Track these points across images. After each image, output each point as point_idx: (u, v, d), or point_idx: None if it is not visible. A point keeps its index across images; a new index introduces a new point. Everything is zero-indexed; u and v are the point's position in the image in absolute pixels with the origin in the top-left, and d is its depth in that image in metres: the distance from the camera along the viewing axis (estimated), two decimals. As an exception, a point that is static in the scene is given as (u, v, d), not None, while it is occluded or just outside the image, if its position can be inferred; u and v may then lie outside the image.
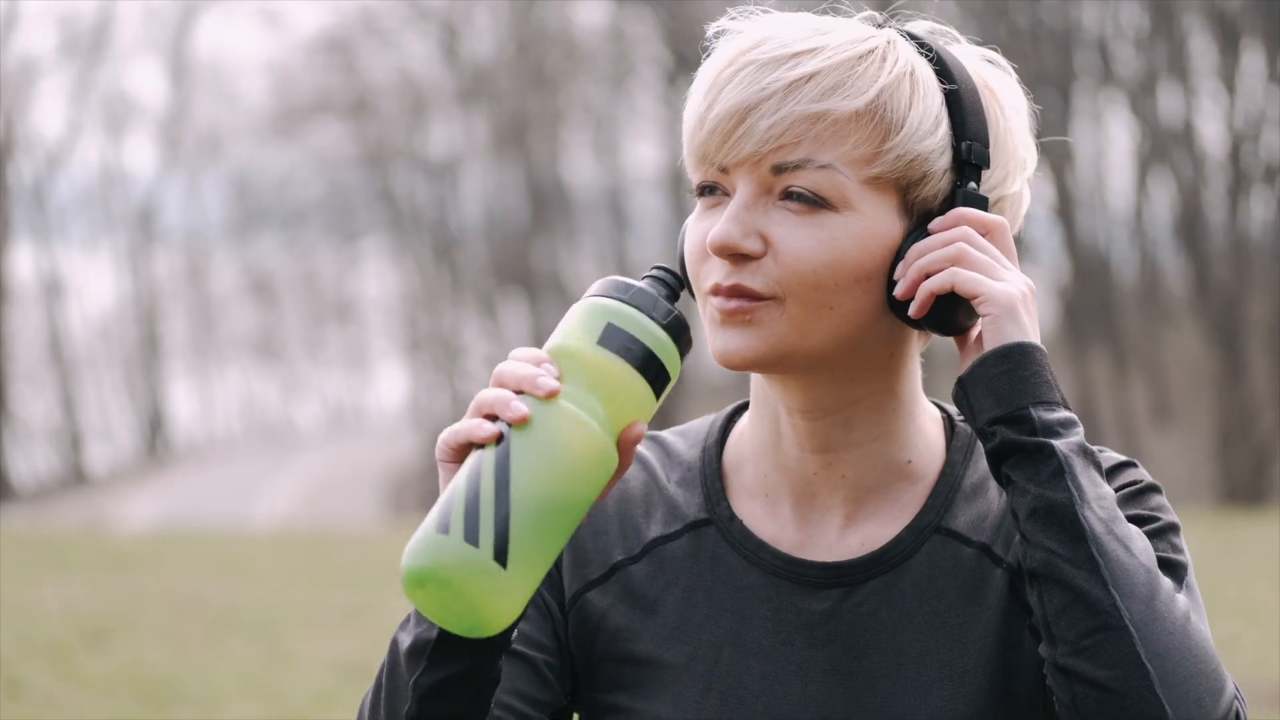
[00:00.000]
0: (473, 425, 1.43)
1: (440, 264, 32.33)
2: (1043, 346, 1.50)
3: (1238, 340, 20.80)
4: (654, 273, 1.51)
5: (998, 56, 1.62)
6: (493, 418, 1.43)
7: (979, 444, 1.62)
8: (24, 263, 32.05)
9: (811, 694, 1.56)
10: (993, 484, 1.60)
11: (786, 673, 1.57)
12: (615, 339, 1.46)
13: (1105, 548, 1.43)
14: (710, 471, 1.63)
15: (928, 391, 1.64)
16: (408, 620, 1.51)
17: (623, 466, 1.46)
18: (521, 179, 29.19)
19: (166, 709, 7.67)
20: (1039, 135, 1.66)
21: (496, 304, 29.59)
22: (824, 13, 1.59)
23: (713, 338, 1.54)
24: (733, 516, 1.61)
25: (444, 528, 1.39)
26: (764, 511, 1.61)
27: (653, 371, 1.47)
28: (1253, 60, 21.36)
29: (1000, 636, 1.55)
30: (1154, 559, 1.46)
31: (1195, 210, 21.38)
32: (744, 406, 1.67)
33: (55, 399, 32.71)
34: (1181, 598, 1.46)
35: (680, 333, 1.49)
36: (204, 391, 39.12)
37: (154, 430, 35.49)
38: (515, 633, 1.57)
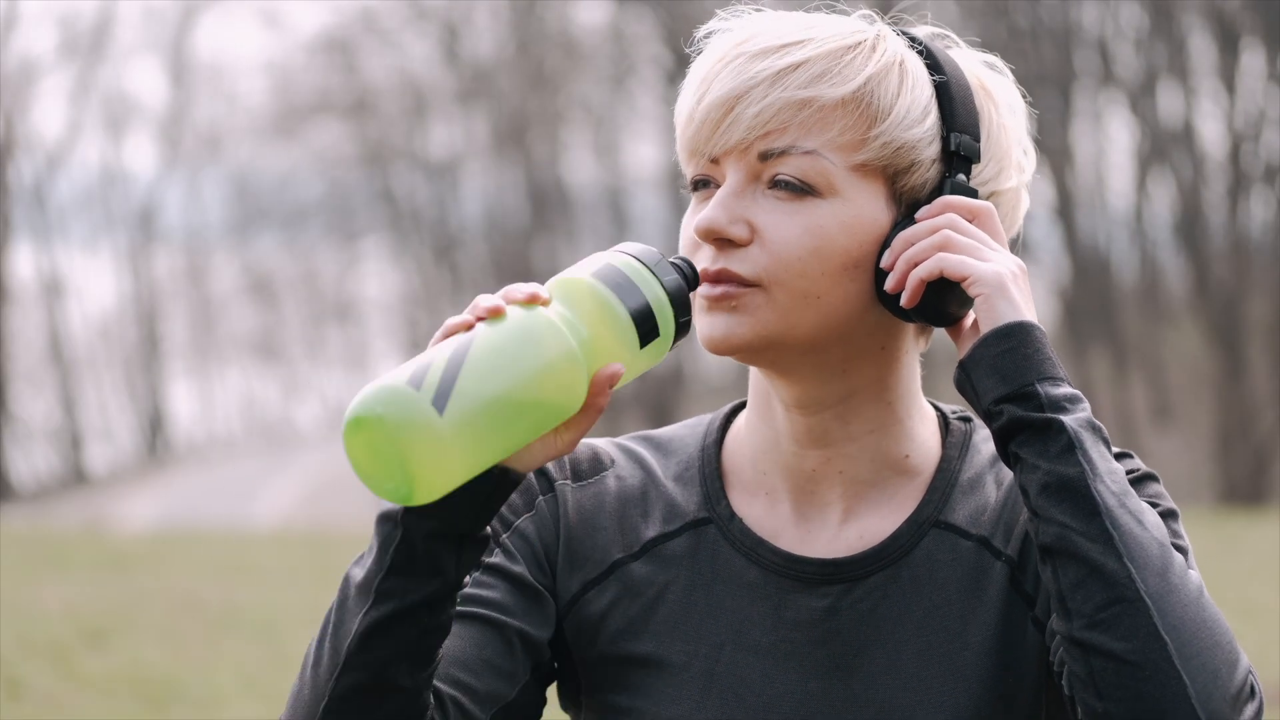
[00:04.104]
0: (451, 320, 1.44)
1: (440, 264, 32.31)
2: (1040, 325, 1.50)
3: (1238, 340, 20.79)
4: (673, 258, 1.51)
5: (996, 60, 1.63)
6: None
7: (974, 440, 1.63)
8: (24, 263, 32.03)
9: (812, 691, 1.56)
10: (990, 478, 1.61)
11: (787, 671, 1.57)
12: (612, 276, 1.46)
13: (1119, 521, 1.43)
14: (710, 470, 1.63)
15: (926, 391, 1.65)
16: (362, 556, 1.50)
17: (593, 409, 1.45)
18: (521, 179, 29.18)
19: (166, 709, 7.67)
20: (1038, 135, 1.66)
21: (496, 304, 29.58)
22: (818, 11, 1.60)
23: (700, 324, 1.54)
24: (733, 515, 1.60)
25: (391, 377, 1.39)
26: (764, 509, 1.61)
27: (644, 322, 1.46)
28: (1253, 60, 21.35)
29: (1001, 630, 1.55)
30: (1165, 533, 1.45)
31: (1195, 210, 21.37)
32: (741, 406, 1.67)
33: (55, 399, 32.69)
34: (1193, 573, 1.45)
35: (680, 301, 1.47)
36: (204, 391, 39.09)
37: (154, 430, 35.47)
38: (483, 600, 1.56)
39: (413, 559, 1.46)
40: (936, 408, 1.66)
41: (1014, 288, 1.50)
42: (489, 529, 1.49)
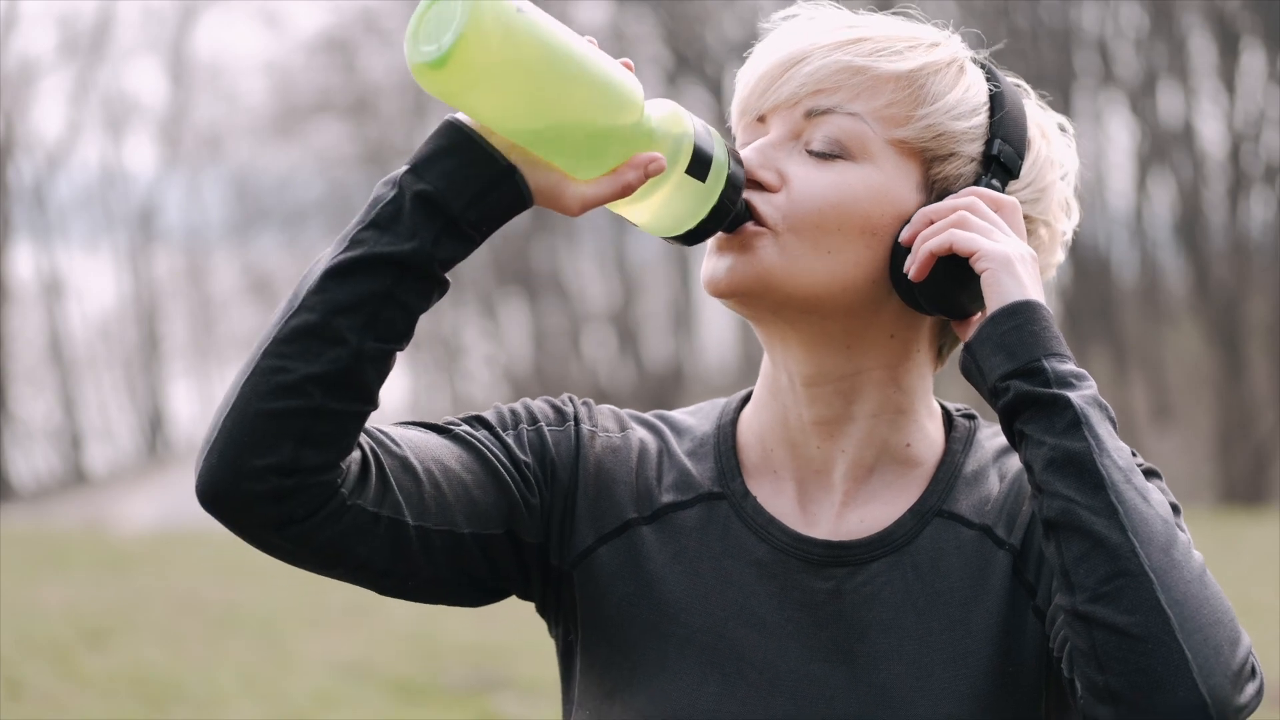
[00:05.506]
0: None
1: (440, 264, 32.29)
2: (1046, 305, 1.52)
3: (1238, 340, 20.79)
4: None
5: (1068, 124, 1.67)
6: None
7: (978, 436, 1.65)
8: (24, 263, 32.04)
9: (814, 673, 1.57)
10: (993, 471, 1.62)
11: (789, 650, 1.58)
12: (700, 122, 1.53)
13: (1124, 495, 1.44)
14: (725, 447, 1.65)
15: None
16: None
17: (618, 181, 1.50)
18: (521, 179, 29.14)
19: (166, 709, 7.67)
20: None
21: (496, 304, 29.59)
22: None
23: (705, 266, 1.58)
24: (746, 493, 1.62)
25: None
26: (771, 489, 1.63)
27: (700, 159, 1.52)
28: (1253, 60, 21.35)
29: (1003, 618, 1.56)
30: (1170, 511, 1.46)
31: (1195, 210, 21.37)
32: (750, 396, 1.69)
33: (55, 399, 32.70)
34: (1196, 553, 1.46)
35: (734, 181, 1.53)
36: (204, 391, 39.11)
37: (154, 430, 35.48)
38: (483, 442, 1.58)
39: (396, 217, 1.49)
40: (942, 406, 1.68)
41: (1020, 267, 1.52)
42: (478, 236, 1.52)
